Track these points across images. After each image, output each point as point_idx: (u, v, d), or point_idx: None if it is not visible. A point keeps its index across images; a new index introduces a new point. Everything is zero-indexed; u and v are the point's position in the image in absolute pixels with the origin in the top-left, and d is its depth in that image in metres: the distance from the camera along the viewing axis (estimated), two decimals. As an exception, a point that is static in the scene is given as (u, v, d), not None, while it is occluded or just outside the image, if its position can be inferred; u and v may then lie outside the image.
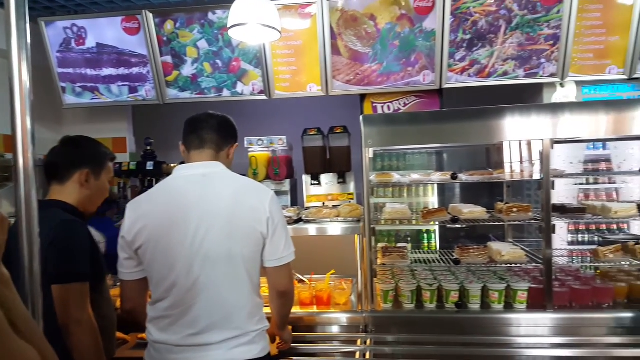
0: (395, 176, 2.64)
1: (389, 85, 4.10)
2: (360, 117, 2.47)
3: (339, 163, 3.94)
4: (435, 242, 4.95)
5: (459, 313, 2.45)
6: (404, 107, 4.29)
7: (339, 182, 4.02)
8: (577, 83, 4.05)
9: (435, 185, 4.85)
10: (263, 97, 4.18)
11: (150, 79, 4.33)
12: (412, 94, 4.24)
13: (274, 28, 2.63)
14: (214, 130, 1.76)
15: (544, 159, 2.33)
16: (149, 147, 4.20)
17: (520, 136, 2.40)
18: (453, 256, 2.64)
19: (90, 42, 4.32)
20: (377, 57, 4.02)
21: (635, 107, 2.43)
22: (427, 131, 2.46)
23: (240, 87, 4.22)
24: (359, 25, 3.94)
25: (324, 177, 4.02)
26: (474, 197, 4.18)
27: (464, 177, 2.55)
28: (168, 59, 4.27)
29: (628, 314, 2.31)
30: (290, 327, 2.03)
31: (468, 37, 3.89)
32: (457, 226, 2.61)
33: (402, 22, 3.91)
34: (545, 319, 2.36)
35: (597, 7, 3.72)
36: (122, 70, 4.37)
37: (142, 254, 1.63)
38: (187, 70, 4.27)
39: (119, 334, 2.15)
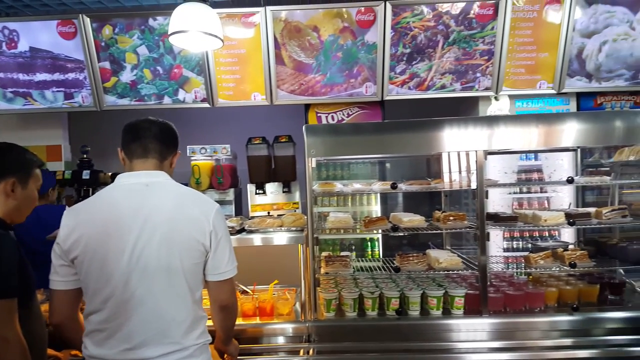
0: (338, 186, 2.65)
1: (332, 96, 4.14)
2: (303, 127, 2.47)
3: (283, 172, 3.92)
4: (379, 250, 5.02)
5: (400, 320, 2.48)
6: (347, 117, 4.35)
7: (284, 192, 4.00)
8: (511, 96, 4.27)
9: (379, 194, 4.93)
10: (206, 105, 4.11)
11: (87, 84, 4.14)
12: (355, 104, 4.31)
13: (216, 36, 2.59)
14: (158, 139, 1.70)
15: (478, 169, 2.42)
16: (85, 156, 4.01)
17: (455, 147, 2.49)
18: (394, 264, 2.68)
19: (22, 46, 4.09)
20: (321, 68, 4.06)
21: (563, 120, 2.58)
22: (367, 142, 2.50)
23: (182, 95, 4.12)
24: (302, 36, 3.97)
25: (269, 187, 3.98)
26: (416, 206, 4.28)
27: (403, 186, 2.61)
28: (106, 64, 4.10)
29: (558, 317, 2.42)
30: (236, 341, 1.98)
31: (408, 50, 4.01)
32: (400, 234, 2.66)
33: (344, 34, 3.98)
34: (481, 324, 2.43)
35: (528, 25, 3.96)
36: (57, 76, 4.15)
37: (78, 263, 1.55)
38: (126, 76, 4.12)
39: (50, 351, 2.01)
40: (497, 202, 4.79)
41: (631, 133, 2.45)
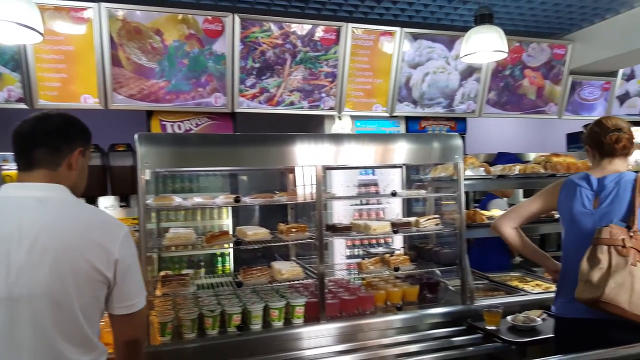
0: (177, 200, 2.54)
1: (178, 104, 3.99)
2: (135, 136, 2.32)
3: (121, 184, 3.63)
4: (230, 264, 4.95)
5: (242, 335, 2.46)
6: (195, 127, 4.23)
7: (121, 206, 3.71)
8: (352, 116, 4.62)
9: (230, 208, 4.87)
10: (22, 105, 3.58)
11: None
12: (204, 114, 4.21)
13: (33, 29, 2.29)
14: (43, 142, 1.40)
15: (317, 183, 2.55)
16: None
17: (295, 162, 2.59)
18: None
19: None
20: (165, 73, 3.88)
21: (393, 141, 2.86)
22: (206, 154, 2.45)
23: (-7, 93, 3.55)
24: (143, 39, 3.75)
25: (104, 200, 3.65)
26: (268, 219, 4.33)
27: (248, 200, 2.62)
28: None
29: (385, 318, 2.65)
30: None
31: (257, 65, 4.07)
32: (251, 247, 2.64)
33: (191, 41, 3.87)
34: (320, 330, 2.55)
35: (365, 53, 4.33)
36: None
37: None
38: None
39: None
40: (342, 213, 5.10)
41: (444, 153, 2.84)
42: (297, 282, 2.60)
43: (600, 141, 2.02)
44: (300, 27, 4.09)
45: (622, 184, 1.93)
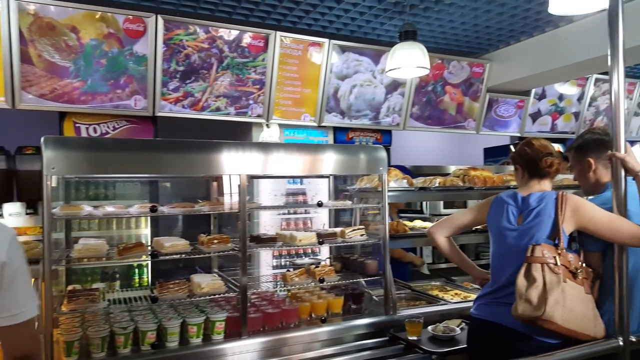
0: (87, 208, 2.34)
1: (94, 106, 3.73)
2: (42, 139, 2.11)
3: (28, 190, 3.32)
4: (148, 277, 4.67)
5: (156, 354, 2.30)
6: (113, 131, 3.98)
7: (27, 213, 3.37)
8: (280, 125, 4.58)
9: (149, 217, 4.61)
10: None
11: None
12: (122, 118, 3.97)
13: None
14: None
15: (241, 192, 2.47)
16: None
17: (219, 171, 2.49)
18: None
19: None
20: (80, 73, 3.61)
21: (321, 151, 2.85)
22: (120, 160, 2.28)
23: None
24: (57, 36, 3.48)
25: (8, 207, 3.32)
26: (191, 229, 4.14)
27: (165, 209, 2.47)
28: None
29: (309, 331, 2.59)
30: None
31: (182, 68, 3.91)
32: (174, 257, 2.49)
33: (109, 40, 3.64)
34: (240, 346, 2.44)
35: (294, 62, 4.32)
36: None
37: None
38: None
39: None
40: (269, 222, 5.01)
41: (370, 164, 2.87)
42: (220, 296, 2.49)
43: (535, 163, 2.13)
44: (228, 32, 3.99)
45: (544, 202, 2.04)
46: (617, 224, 1.91)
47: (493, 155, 6.41)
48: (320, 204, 2.74)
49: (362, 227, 2.86)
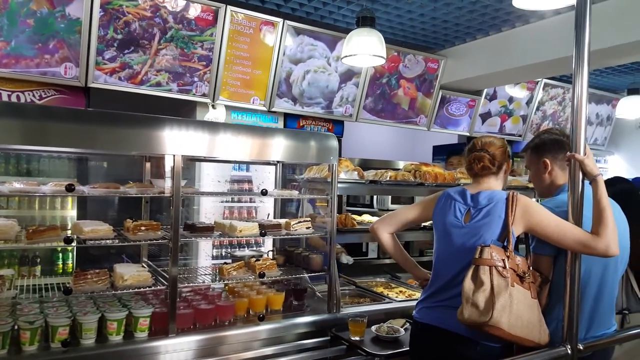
0: (-11, 184, 2.01)
1: (18, 71, 3.32)
2: None
3: None
4: (73, 263, 4.28)
5: (68, 352, 2.03)
6: (39, 100, 3.57)
7: None
8: (228, 107, 4.30)
9: (75, 199, 4.21)
10: None
11: None
12: (51, 87, 3.56)
13: None
14: None
15: (175, 175, 2.21)
16: None
17: (152, 149, 2.23)
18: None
19: None
20: (3, 32, 3.19)
21: (271, 135, 2.64)
22: (37, 129, 1.98)
23: None
24: (-29, -15, 3.03)
25: None
26: (121, 214, 3.81)
27: (86, 189, 2.17)
28: None
29: (245, 330, 2.40)
30: None
31: (120, 37, 3.55)
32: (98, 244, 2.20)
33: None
34: (168, 345, 2.21)
35: (244, 40, 4.05)
36: None
37: None
38: None
39: None
40: (210, 210, 4.74)
41: (320, 153, 2.70)
42: (145, 289, 2.23)
43: (468, 161, 2.09)
44: (174, 2, 3.66)
45: (494, 201, 1.95)
46: (564, 228, 1.84)
47: (441, 153, 6.44)
48: (264, 192, 2.53)
49: (309, 219, 2.69)
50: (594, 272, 1.96)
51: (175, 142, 2.23)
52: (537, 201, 2.25)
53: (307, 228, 2.65)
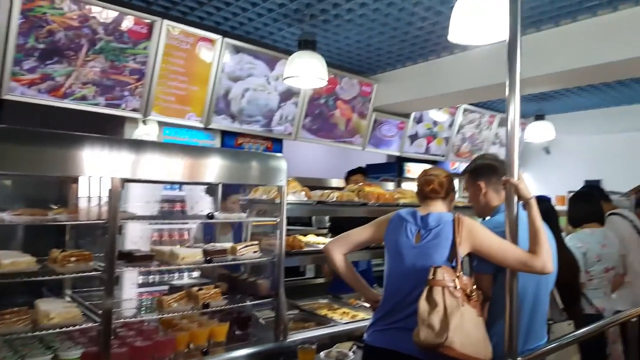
0: None
1: None
2: None
3: None
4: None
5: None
6: (-62, 114, 3.14)
7: None
8: (160, 123, 4.08)
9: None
10: None
11: None
12: (-45, 98, 3.16)
13: None
14: None
15: (112, 200, 2.02)
16: None
17: (83, 171, 2.02)
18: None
19: None
20: None
21: (207, 154, 2.51)
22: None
23: None
24: None
25: None
26: (39, 241, 3.40)
27: (6, 216, 1.91)
28: None
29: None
30: None
31: (42, 46, 3.25)
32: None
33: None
34: (99, 389, 1.99)
35: (181, 55, 3.88)
36: None
37: None
38: None
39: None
40: (137, 233, 4.41)
41: (267, 174, 2.61)
42: (74, 328, 1.99)
43: (418, 187, 2.19)
44: (105, 13, 3.43)
45: (442, 223, 2.01)
46: (506, 248, 1.93)
47: (374, 172, 6.59)
48: (211, 217, 2.39)
49: (256, 242, 2.58)
50: (530, 288, 2.08)
51: (111, 163, 2.04)
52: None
53: (255, 252, 2.54)
